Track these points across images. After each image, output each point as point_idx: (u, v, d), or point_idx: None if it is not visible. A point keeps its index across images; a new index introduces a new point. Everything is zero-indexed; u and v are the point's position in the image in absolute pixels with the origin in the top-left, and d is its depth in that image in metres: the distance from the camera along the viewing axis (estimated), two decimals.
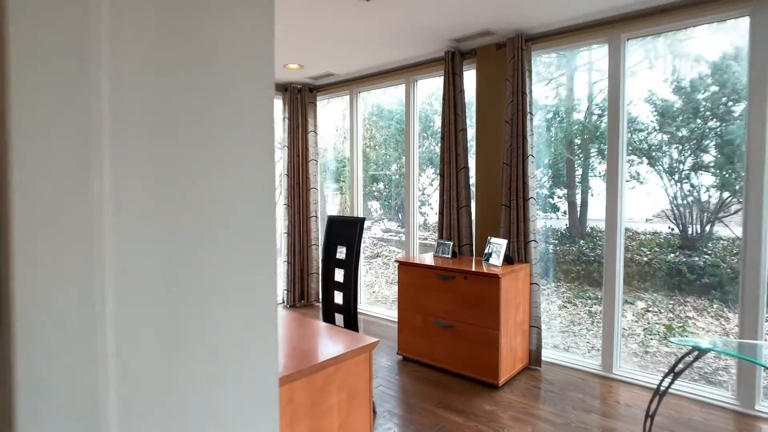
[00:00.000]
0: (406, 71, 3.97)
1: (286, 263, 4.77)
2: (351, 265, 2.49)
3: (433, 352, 3.13)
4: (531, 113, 3.13)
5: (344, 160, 7.44)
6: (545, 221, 4.10)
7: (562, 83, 4.09)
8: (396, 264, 3.62)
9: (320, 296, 4.85)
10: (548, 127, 4.15)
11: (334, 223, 2.64)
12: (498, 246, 3.08)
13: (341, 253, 2.60)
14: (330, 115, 5.59)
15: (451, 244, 3.37)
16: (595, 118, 3.90)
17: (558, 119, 4.16)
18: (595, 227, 3.96)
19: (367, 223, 7.36)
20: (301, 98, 4.68)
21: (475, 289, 2.89)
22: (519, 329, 3.04)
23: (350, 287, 2.50)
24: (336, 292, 2.62)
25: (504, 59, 3.29)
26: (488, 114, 3.44)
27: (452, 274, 3.00)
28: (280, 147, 4.75)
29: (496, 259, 3.05)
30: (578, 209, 4.09)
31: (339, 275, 2.62)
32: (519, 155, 3.13)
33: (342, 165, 7.46)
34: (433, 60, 3.73)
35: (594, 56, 3.96)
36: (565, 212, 4.12)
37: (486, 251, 3.18)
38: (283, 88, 4.74)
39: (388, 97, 4.74)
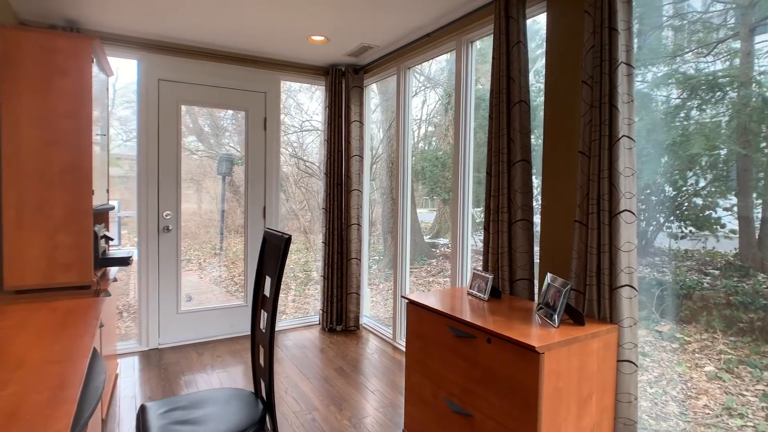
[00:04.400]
0: (456, 30, 2.86)
1: (322, 278, 4.01)
2: (270, 308, 1.57)
3: None
4: (630, 65, 1.79)
5: (438, 158, 6.40)
6: (698, 242, 2.66)
7: (735, 48, 2.58)
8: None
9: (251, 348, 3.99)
10: (700, 107, 2.67)
11: (267, 241, 1.74)
12: (559, 288, 1.82)
13: (268, 286, 1.70)
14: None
15: (491, 278, 2.18)
16: None
17: (719, 96, 2.65)
18: None
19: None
20: (345, 82, 3.88)
21: (502, 363, 1.70)
22: None
23: (267, 342, 1.58)
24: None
25: None
26: (564, 77, 2.17)
27: (471, 332, 1.85)
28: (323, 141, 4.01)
29: (556, 313, 1.80)
30: (757, 228, 2.58)
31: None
32: (604, 137, 1.82)
33: (433, 165, 6.46)
34: (489, 4, 2.57)
35: None
36: (734, 231, 2.64)
37: (543, 295, 1.94)
38: (325, 72, 3.99)
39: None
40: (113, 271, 2.79)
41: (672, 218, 2.69)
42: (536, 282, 2.32)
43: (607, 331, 1.77)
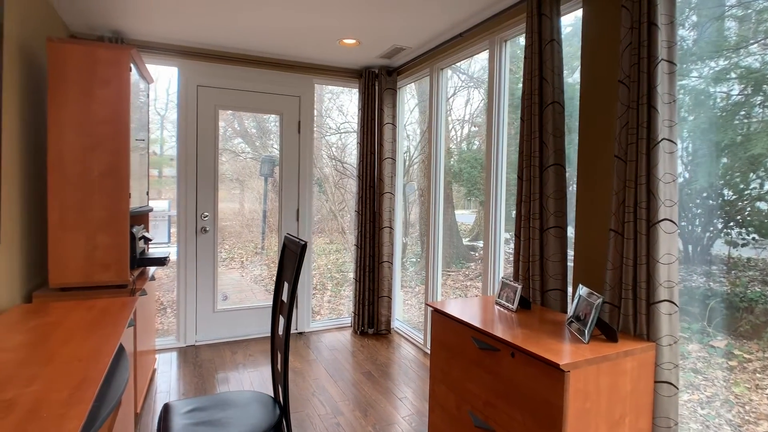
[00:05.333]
0: (489, 29, 2.76)
1: (354, 281, 4.01)
2: (286, 314, 1.57)
3: None
4: (672, 62, 1.65)
5: (477, 159, 6.27)
6: (763, 251, 2.43)
7: None
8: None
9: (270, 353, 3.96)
10: (764, 103, 2.45)
11: (286, 247, 1.75)
12: (590, 302, 1.71)
13: (286, 293, 1.70)
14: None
15: (520, 287, 2.08)
16: None
17: None
18: None
19: (507, 234, 6.06)
20: (378, 84, 3.86)
21: (526, 379, 1.61)
22: None
23: (283, 348, 1.58)
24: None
25: None
26: (600, 76, 2.04)
27: (495, 344, 1.77)
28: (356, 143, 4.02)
29: (586, 329, 1.69)
30: None
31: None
32: (641, 140, 1.69)
33: (471, 167, 6.33)
34: (521, 2, 2.46)
35: None
36: None
37: (574, 308, 1.83)
38: (358, 74, 3.99)
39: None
40: (151, 270, 2.92)
41: (732, 224, 2.47)
42: (570, 293, 2.19)
43: (642, 349, 1.64)
